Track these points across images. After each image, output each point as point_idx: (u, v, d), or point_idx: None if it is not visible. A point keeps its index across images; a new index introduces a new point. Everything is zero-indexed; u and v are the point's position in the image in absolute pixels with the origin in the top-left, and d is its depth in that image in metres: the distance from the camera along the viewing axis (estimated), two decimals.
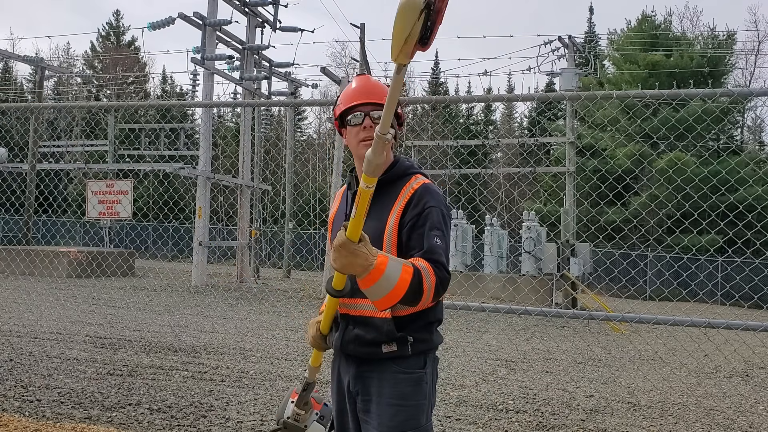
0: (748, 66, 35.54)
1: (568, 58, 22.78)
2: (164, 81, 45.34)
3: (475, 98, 10.06)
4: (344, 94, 2.25)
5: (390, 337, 2.06)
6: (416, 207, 2.08)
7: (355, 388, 2.15)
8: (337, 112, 2.25)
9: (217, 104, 20.75)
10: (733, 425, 5.35)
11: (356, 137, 2.18)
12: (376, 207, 2.10)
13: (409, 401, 2.09)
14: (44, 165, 24.65)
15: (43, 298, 11.73)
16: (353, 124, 2.18)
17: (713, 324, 4.57)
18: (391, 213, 2.10)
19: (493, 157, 38.00)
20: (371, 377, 2.11)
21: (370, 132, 2.14)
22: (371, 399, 2.11)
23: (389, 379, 2.09)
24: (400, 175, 2.19)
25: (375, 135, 1.71)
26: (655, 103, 18.78)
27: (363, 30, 21.14)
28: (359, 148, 2.17)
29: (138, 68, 42.92)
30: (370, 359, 2.11)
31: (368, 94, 2.19)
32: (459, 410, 5.31)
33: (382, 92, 2.20)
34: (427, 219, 2.06)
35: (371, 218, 2.07)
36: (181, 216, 26.45)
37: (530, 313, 4.97)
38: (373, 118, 2.16)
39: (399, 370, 2.09)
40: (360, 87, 2.23)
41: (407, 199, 2.11)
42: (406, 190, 2.14)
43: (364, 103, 2.17)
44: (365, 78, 2.28)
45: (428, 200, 2.10)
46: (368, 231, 2.03)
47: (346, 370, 2.19)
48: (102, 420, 4.48)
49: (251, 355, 7.27)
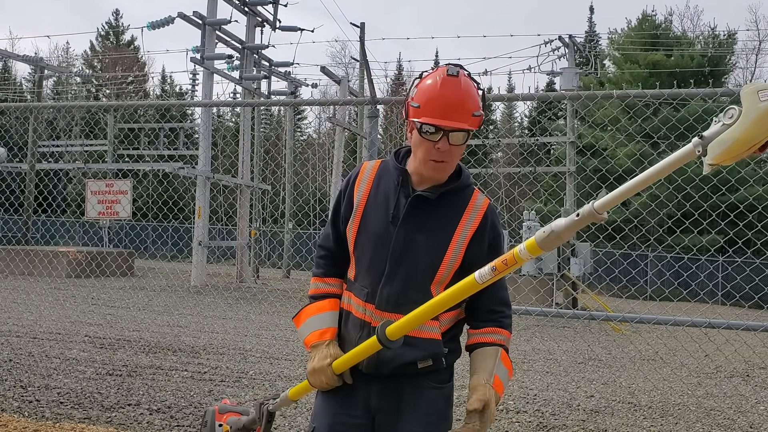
0: (748, 65, 35.55)
1: (568, 57, 22.78)
2: (164, 80, 45.33)
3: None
4: (426, 98, 1.86)
5: (431, 353, 1.92)
6: (490, 240, 1.95)
7: (377, 404, 1.95)
8: (412, 114, 1.89)
9: (216, 104, 20.74)
10: (733, 425, 5.33)
11: (426, 153, 1.87)
12: (434, 217, 1.92)
13: (441, 418, 2.01)
14: (43, 165, 24.63)
15: (42, 298, 11.71)
16: (426, 136, 1.85)
17: (714, 324, 4.55)
18: (459, 232, 1.92)
19: (493, 157, 37.96)
20: (402, 392, 1.93)
21: (444, 155, 1.85)
22: (400, 416, 1.93)
23: (424, 395, 1.96)
24: (464, 186, 1.98)
25: (587, 212, 1.46)
26: (655, 103, 18.76)
27: (363, 29, 21.14)
28: (427, 166, 1.89)
29: (137, 68, 42.88)
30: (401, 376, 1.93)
31: (454, 112, 1.83)
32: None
33: (472, 106, 1.85)
34: (499, 249, 1.96)
35: (431, 229, 1.91)
36: (180, 216, 26.41)
37: (531, 314, 4.96)
38: (451, 140, 1.84)
39: (433, 386, 1.97)
40: (448, 101, 1.83)
41: (479, 222, 1.94)
42: (473, 208, 1.96)
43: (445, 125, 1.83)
44: (455, 85, 1.84)
45: (497, 226, 1.98)
46: (427, 246, 1.90)
47: (364, 384, 1.97)
48: (101, 420, 4.46)
49: (251, 355, 7.25)
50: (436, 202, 1.92)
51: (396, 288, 1.90)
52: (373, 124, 5.14)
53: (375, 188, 1.99)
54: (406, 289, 1.90)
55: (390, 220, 1.93)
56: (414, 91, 1.91)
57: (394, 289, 1.90)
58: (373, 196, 1.98)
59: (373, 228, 1.95)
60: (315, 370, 1.94)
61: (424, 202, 1.93)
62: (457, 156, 1.91)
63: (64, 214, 30.40)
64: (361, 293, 1.95)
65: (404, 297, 1.89)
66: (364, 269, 1.96)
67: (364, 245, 1.96)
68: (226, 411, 2.30)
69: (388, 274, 1.91)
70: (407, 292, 1.89)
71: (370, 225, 1.96)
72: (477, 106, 1.87)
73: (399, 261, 1.90)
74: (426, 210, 1.93)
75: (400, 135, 33.66)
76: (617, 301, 16.55)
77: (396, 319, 1.82)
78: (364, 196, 1.99)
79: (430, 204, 1.93)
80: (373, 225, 1.95)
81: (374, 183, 2.00)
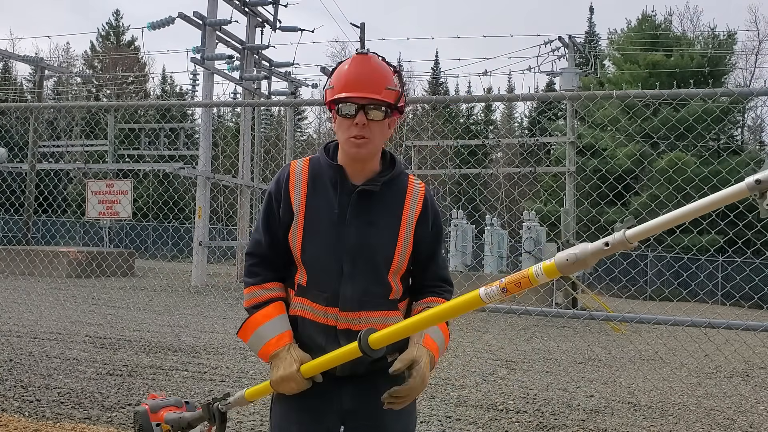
0: (748, 66, 35.55)
1: (568, 57, 22.78)
2: (164, 81, 45.35)
3: (475, 98, 10.07)
4: (338, 77, 1.91)
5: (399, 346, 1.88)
6: (432, 221, 1.99)
7: (351, 406, 1.93)
8: (328, 96, 1.92)
9: (217, 104, 20.74)
10: (733, 425, 5.34)
11: (346, 131, 1.87)
12: (379, 208, 1.93)
13: (413, 413, 2.05)
14: (44, 165, 24.64)
15: (42, 298, 11.72)
16: (343, 114, 1.87)
17: (714, 324, 4.56)
18: (405, 218, 1.94)
19: (493, 157, 37.97)
20: (378, 391, 1.88)
21: (363, 131, 1.85)
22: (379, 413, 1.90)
23: None
24: (399, 172, 2.00)
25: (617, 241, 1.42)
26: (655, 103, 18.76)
27: (363, 30, 21.16)
28: (347, 144, 1.88)
29: (138, 68, 42.89)
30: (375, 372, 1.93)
31: (366, 84, 1.86)
32: (459, 410, 5.30)
33: (384, 79, 1.88)
34: (439, 233, 2.02)
35: (379, 220, 1.92)
36: (180, 216, 26.43)
37: (530, 313, 4.97)
38: (369, 115, 1.86)
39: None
40: (359, 75, 1.87)
41: (421, 206, 1.96)
42: (413, 193, 1.98)
43: (358, 96, 1.86)
44: (364, 60, 1.91)
45: (436, 211, 2.02)
46: (380, 238, 1.91)
47: (334, 388, 1.93)
48: (102, 420, 4.47)
49: (251, 355, 7.26)
50: (379, 193, 1.93)
51: (357, 287, 1.89)
52: None
53: (312, 189, 1.94)
54: (367, 285, 1.90)
55: (336, 220, 1.90)
56: (330, 79, 1.96)
57: (355, 288, 1.89)
58: (312, 197, 1.93)
59: (321, 230, 1.90)
60: (283, 378, 1.85)
61: (368, 195, 1.92)
62: (379, 134, 1.89)
63: (65, 214, 30.42)
64: (319, 298, 1.90)
65: (366, 294, 1.89)
66: (318, 273, 1.91)
67: (314, 249, 1.91)
68: (159, 407, 2.12)
69: (347, 274, 1.88)
70: (368, 288, 1.90)
71: (316, 228, 1.91)
72: (389, 81, 1.89)
73: (355, 259, 1.89)
74: (370, 203, 1.93)
75: (400, 135, 33.68)
76: (617, 301, 16.55)
77: (361, 317, 1.87)
78: (302, 198, 1.93)
79: (373, 196, 1.93)
80: (320, 227, 1.90)
81: (309, 184, 1.94)
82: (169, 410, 2.11)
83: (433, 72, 43.91)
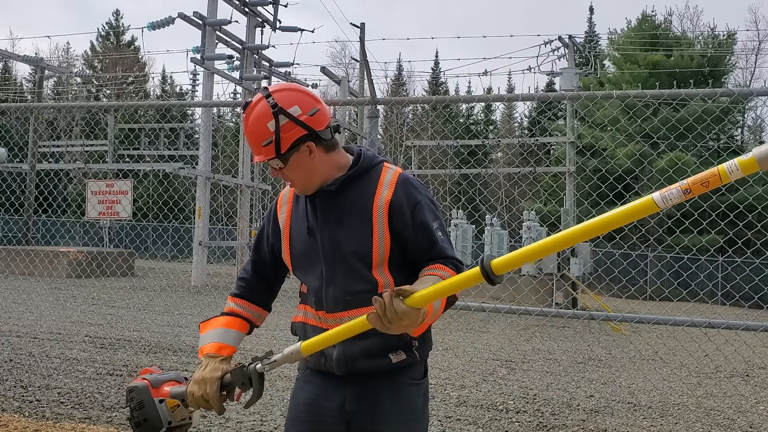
0: (748, 66, 35.53)
1: (568, 57, 22.79)
2: (164, 81, 45.33)
3: (475, 98, 10.08)
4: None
5: (399, 343, 1.89)
6: (408, 204, 1.91)
7: (353, 408, 1.93)
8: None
9: (217, 104, 20.74)
10: (733, 425, 5.34)
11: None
12: (348, 206, 1.93)
13: (421, 415, 1.99)
14: (44, 165, 24.63)
15: (42, 298, 11.72)
16: None
17: (714, 324, 4.56)
18: (375, 210, 1.91)
19: (493, 157, 37.97)
20: (381, 392, 1.91)
21: (286, 178, 1.95)
22: (380, 417, 1.91)
23: (402, 393, 1.94)
24: (367, 167, 1.97)
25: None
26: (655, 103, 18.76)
27: (363, 30, 21.15)
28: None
29: (138, 68, 42.89)
30: (376, 374, 1.91)
31: (252, 145, 1.92)
32: (459, 410, 5.30)
33: (260, 136, 1.87)
34: (425, 217, 1.91)
35: (349, 218, 1.92)
36: (180, 216, 26.41)
37: (530, 313, 4.97)
38: (271, 169, 1.94)
39: (409, 382, 1.95)
40: (248, 138, 1.93)
41: (391, 194, 1.91)
42: (384, 183, 1.94)
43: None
44: (246, 120, 1.92)
45: (413, 194, 1.93)
46: (353, 235, 1.90)
47: (337, 388, 1.95)
48: (102, 420, 4.47)
49: (251, 355, 7.26)
50: (342, 192, 1.94)
51: (339, 287, 1.91)
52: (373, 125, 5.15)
53: (295, 208, 2.06)
54: (349, 284, 1.90)
55: (307, 228, 1.98)
56: None
57: (336, 289, 1.91)
58: (294, 215, 2.04)
59: (299, 242, 2.00)
60: (203, 378, 1.86)
61: (330, 197, 1.95)
62: (299, 171, 1.91)
63: (65, 214, 30.41)
64: (313, 303, 1.98)
65: (350, 293, 1.90)
66: (309, 282, 2.00)
67: (300, 262, 2.02)
68: (160, 382, 1.93)
69: (327, 277, 1.93)
70: (351, 286, 1.90)
71: (296, 241, 2.01)
72: (265, 135, 1.87)
73: (333, 262, 1.92)
74: (336, 204, 1.95)
75: (400, 135, 33.69)
76: (617, 301, 16.55)
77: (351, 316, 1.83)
78: (287, 218, 2.06)
79: (336, 196, 1.95)
80: (298, 240, 2.00)
81: (293, 203, 2.07)
82: (174, 384, 1.92)
83: (433, 72, 43.93)
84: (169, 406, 1.88)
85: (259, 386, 1.82)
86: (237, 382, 1.84)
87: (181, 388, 1.88)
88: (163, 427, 1.85)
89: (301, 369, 2.09)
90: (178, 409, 1.88)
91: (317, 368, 1.99)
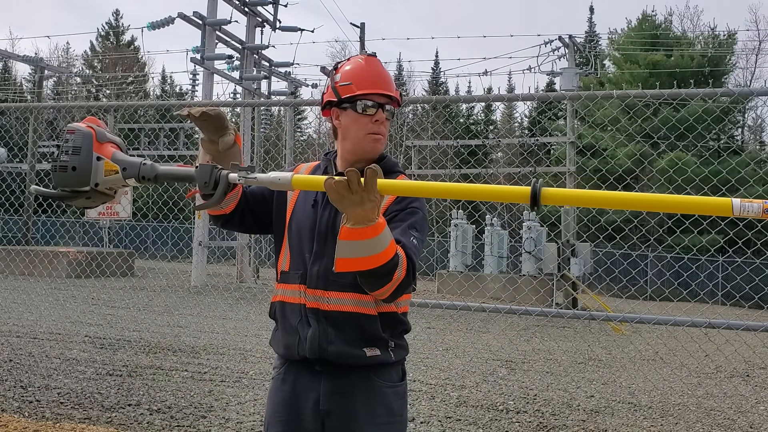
0: (748, 66, 35.54)
1: (568, 57, 22.77)
2: (164, 81, 45.33)
3: (475, 98, 10.08)
4: (355, 75, 1.95)
5: (374, 338, 1.89)
6: (400, 203, 1.92)
7: (327, 407, 1.91)
8: (344, 93, 1.94)
9: (216, 104, 20.70)
10: (733, 425, 5.33)
11: (364, 128, 1.93)
12: None
13: (399, 417, 1.97)
14: (44, 165, 24.60)
15: (42, 298, 11.72)
16: (363, 111, 1.93)
17: (714, 324, 4.55)
18: None
19: (493, 157, 37.96)
20: (354, 392, 1.90)
21: (380, 127, 1.94)
22: (354, 418, 1.90)
23: (377, 394, 1.92)
24: (386, 170, 1.96)
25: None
26: (655, 103, 18.76)
27: (363, 30, 21.16)
28: (366, 140, 1.95)
29: (137, 68, 42.88)
30: (349, 370, 1.90)
31: (385, 84, 1.96)
32: (459, 411, 5.29)
33: (392, 81, 2.02)
34: (409, 217, 1.91)
35: None
36: (180, 216, 26.40)
37: (531, 314, 4.96)
38: (386, 112, 1.96)
39: (384, 384, 1.94)
40: (377, 74, 1.96)
41: (394, 197, 1.92)
42: None
43: (380, 93, 1.93)
44: (377, 62, 2.00)
45: (413, 200, 1.94)
46: None
47: (312, 385, 1.93)
48: (101, 420, 4.46)
49: (251, 355, 7.25)
50: None
51: (324, 265, 1.91)
52: None
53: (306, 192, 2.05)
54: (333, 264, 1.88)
55: (315, 203, 1.99)
56: (338, 77, 1.98)
57: (322, 266, 1.92)
58: (305, 197, 2.04)
59: (302, 214, 2.01)
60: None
61: None
62: (386, 133, 2.01)
63: (65, 215, 30.39)
64: (294, 278, 1.97)
65: (333, 273, 1.85)
66: (295, 255, 2.00)
67: (295, 232, 2.02)
68: (106, 139, 1.67)
69: (316, 252, 1.94)
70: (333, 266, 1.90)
71: (299, 210, 2.02)
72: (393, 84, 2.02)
73: (325, 239, 1.93)
74: None
75: (400, 135, 33.67)
76: (617, 301, 16.54)
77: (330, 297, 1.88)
78: (293, 201, 2.06)
79: None
80: (302, 210, 2.01)
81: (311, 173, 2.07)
82: (115, 148, 1.69)
83: (433, 72, 43.94)
84: (105, 167, 1.65)
85: (222, 194, 1.64)
86: (200, 179, 1.64)
87: (126, 157, 1.66)
88: (88, 185, 1.62)
89: (277, 367, 2.07)
90: (113, 176, 1.65)
91: (289, 357, 1.97)
